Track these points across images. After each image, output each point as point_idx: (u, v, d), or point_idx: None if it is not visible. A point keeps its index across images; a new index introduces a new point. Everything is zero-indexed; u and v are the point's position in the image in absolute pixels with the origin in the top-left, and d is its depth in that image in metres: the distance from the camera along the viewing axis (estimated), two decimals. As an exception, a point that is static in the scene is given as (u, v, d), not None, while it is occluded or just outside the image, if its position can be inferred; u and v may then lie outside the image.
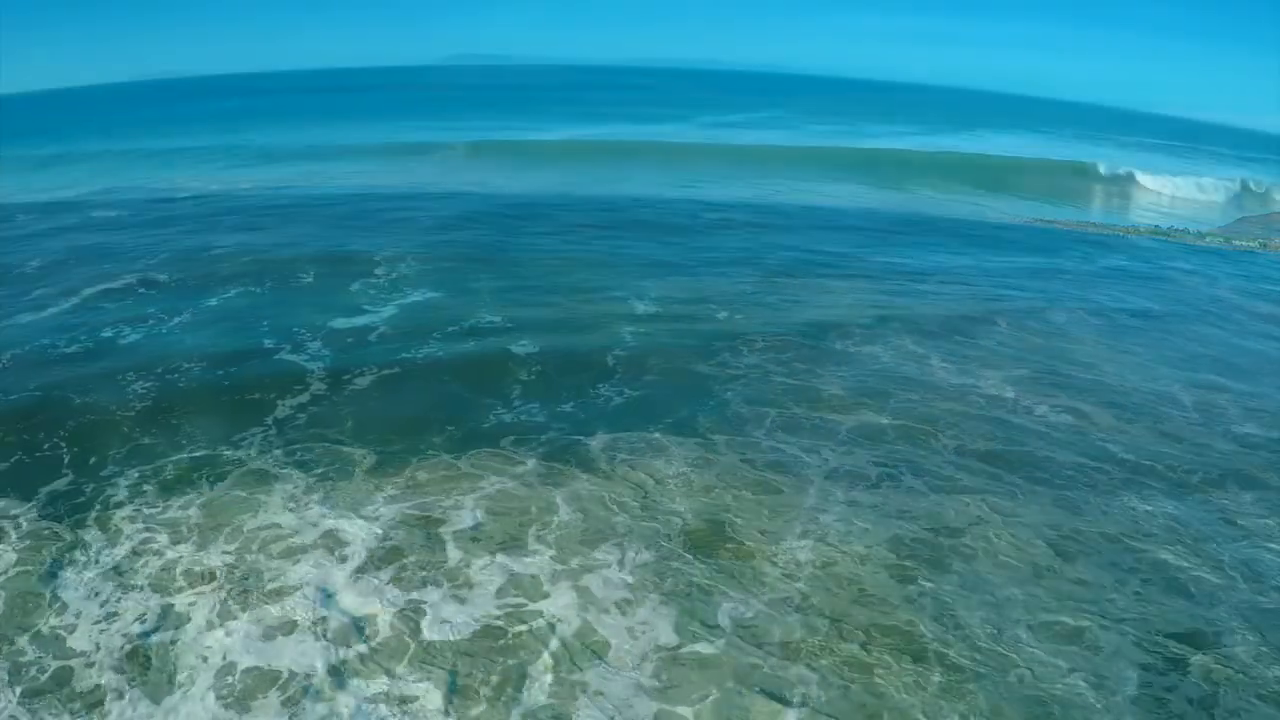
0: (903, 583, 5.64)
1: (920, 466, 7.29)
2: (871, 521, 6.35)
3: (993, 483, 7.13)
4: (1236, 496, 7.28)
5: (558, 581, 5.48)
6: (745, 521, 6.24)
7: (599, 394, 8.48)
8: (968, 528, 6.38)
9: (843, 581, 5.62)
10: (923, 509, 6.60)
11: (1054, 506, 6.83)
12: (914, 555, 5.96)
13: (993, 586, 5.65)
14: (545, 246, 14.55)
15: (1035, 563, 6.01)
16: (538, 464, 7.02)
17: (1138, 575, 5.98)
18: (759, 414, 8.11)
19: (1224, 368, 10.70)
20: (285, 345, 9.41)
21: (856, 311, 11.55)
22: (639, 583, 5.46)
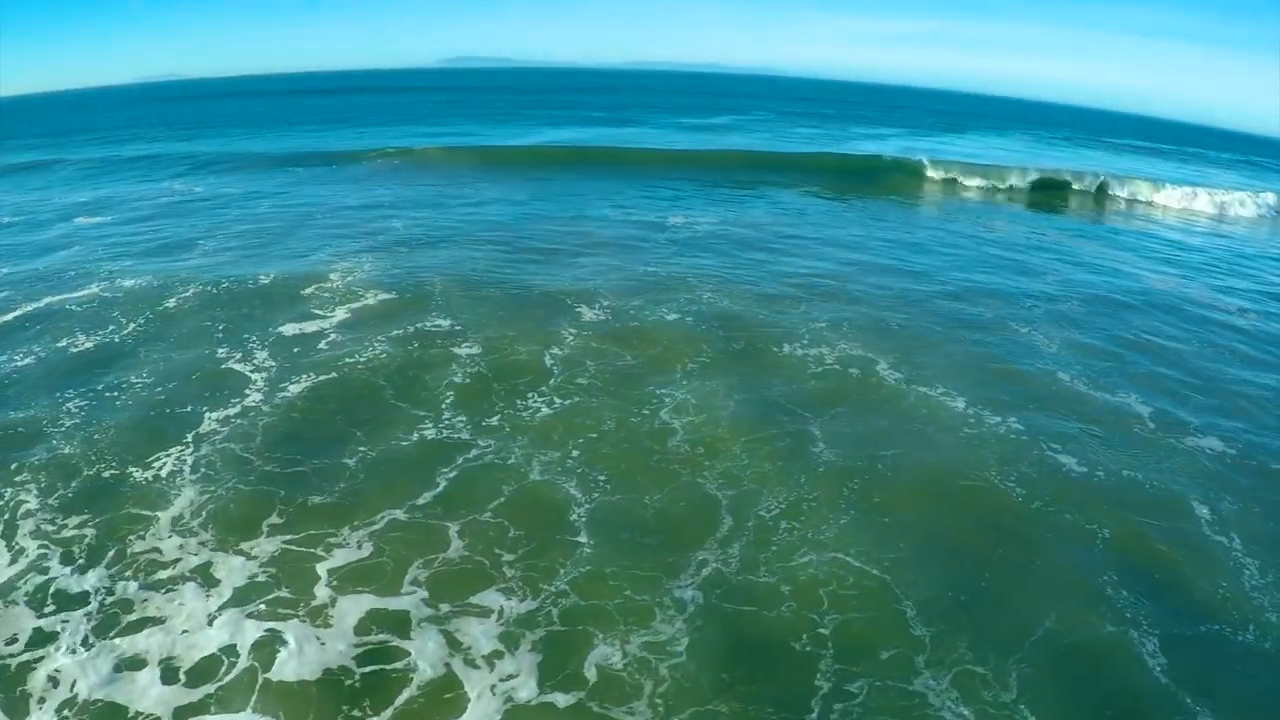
0: (786, 629, 5.20)
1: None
2: (737, 602, 5.85)
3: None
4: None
5: (425, 625, 5.10)
6: (633, 566, 5.76)
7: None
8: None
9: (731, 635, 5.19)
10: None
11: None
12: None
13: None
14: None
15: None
16: (446, 488, 6.63)
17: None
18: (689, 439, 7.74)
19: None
20: (236, 354, 9.17)
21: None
22: (510, 633, 5.03)
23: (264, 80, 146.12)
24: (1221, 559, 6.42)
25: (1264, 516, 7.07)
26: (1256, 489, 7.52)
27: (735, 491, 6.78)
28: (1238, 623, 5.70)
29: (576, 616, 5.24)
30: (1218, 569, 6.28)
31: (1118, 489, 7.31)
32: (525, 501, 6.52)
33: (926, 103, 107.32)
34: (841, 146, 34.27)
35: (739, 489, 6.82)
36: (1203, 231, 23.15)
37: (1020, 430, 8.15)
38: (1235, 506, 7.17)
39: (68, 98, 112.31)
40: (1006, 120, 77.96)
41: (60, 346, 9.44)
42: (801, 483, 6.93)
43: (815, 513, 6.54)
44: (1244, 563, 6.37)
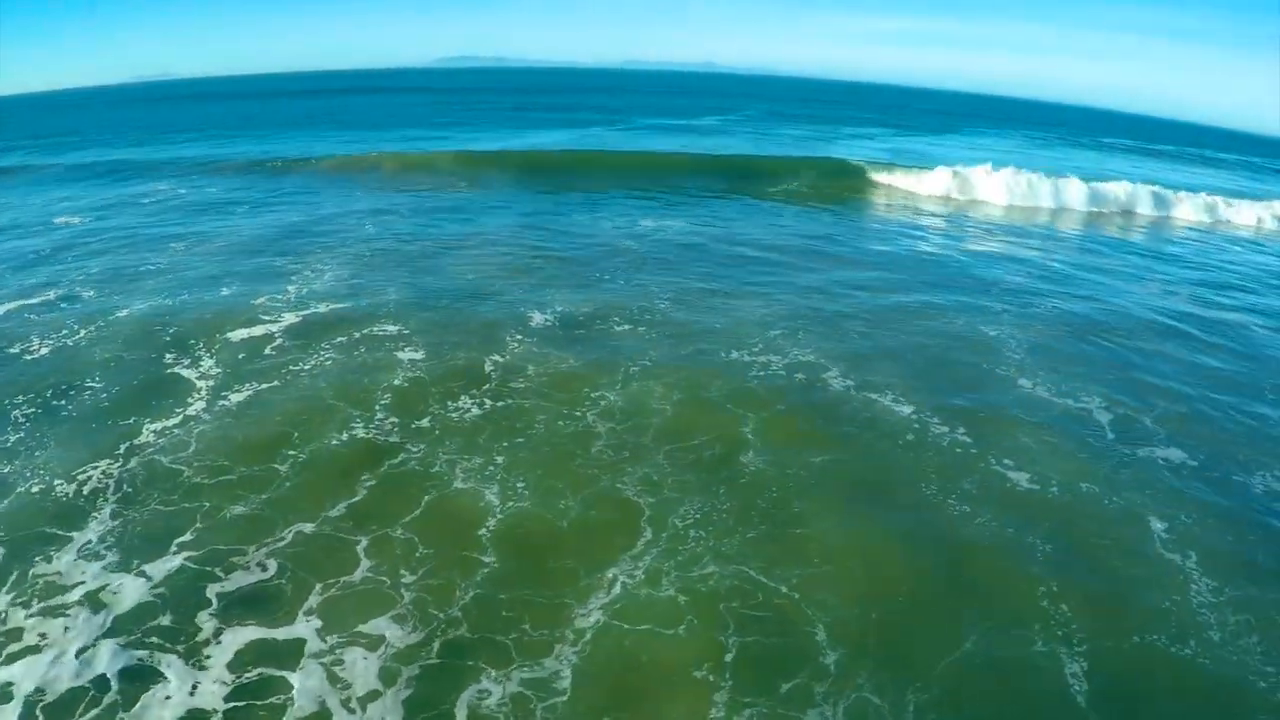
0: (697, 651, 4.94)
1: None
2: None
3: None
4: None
5: (310, 660, 4.82)
6: (532, 586, 5.53)
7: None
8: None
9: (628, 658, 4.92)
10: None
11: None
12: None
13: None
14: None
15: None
16: (364, 497, 6.45)
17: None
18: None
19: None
20: (185, 360, 9.05)
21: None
22: (389, 669, 4.77)
23: (258, 80, 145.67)
24: (1172, 576, 6.10)
25: (1222, 532, 6.73)
26: (1217, 503, 7.19)
27: (654, 499, 6.48)
28: (1179, 643, 5.41)
29: (461, 649, 4.91)
30: (1166, 586, 5.98)
31: (1068, 501, 6.99)
32: (440, 512, 6.25)
33: (924, 103, 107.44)
34: (825, 148, 34.12)
35: (659, 496, 6.52)
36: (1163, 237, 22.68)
37: (968, 439, 7.85)
38: (1192, 521, 6.84)
39: (55, 98, 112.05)
40: (1005, 120, 78.20)
41: (13, 354, 9.27)
42: (721, 492, 6.61)
43: (729, 523, 6.23)
44: (1195, 580, 6.06)
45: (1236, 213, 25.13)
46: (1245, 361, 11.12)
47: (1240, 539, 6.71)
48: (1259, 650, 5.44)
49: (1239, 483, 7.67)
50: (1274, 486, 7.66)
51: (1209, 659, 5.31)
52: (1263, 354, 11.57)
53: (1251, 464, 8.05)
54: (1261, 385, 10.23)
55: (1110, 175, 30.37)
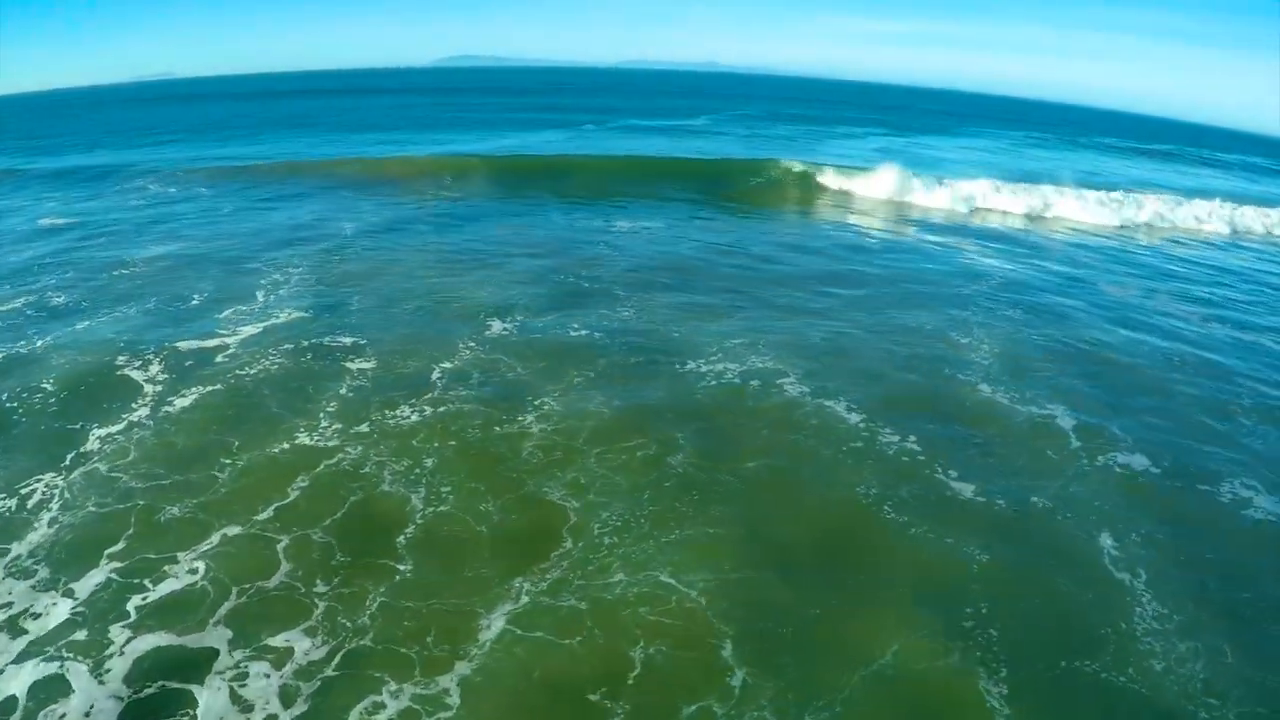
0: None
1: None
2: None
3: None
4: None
5: (216, 675, 4.87)
6: (441, 593, 5.60)
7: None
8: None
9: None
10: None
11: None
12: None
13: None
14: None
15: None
16: (293, 499, 6.53)
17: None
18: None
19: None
20: (137, 366, 9.14)
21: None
22: (289, 686, 4.80)
23: (257, 80, 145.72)
24: (1117, 597, 5.90)
25: (1177, 550, 6.52)
26: (1176, 518, 7.00)
27: (578, 503, 6.53)
28: (1114, 670, 5.19)
29: (362, 660, 4.96)
30: (1109, 608, 5.76)
31: (1014, 514, 6.83)
32: (363, 515, 6.35)
33: (927, 103, 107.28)
34: (795, 149, 33.87)
35: (582, 500, 6.57)
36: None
37: (917, 447, 7.79)
38: (1147, 538, 6.64)
39: (52, 98, 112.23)
40: (1007, 120, 78.11)
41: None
42: (645, 498, 6.65)
43: (648, 529, 6.26)
44: (1142, 603, 5.85)
45: (1187, 212, 24.54)
46: (1220, 368, 11.04)
47: (1195, 559, 6.48)
48: (1201, 680, 5.17)
49: (1204, 495, 7.50)
50: (1242, 496, 7.51)
51: (1146, 688, 5.05)
52: (1239, 359, 11.53)
53: (1220, 474, 7.88)
54: (1238, 391, 10.18)
55: (1101, 175, 30.56)
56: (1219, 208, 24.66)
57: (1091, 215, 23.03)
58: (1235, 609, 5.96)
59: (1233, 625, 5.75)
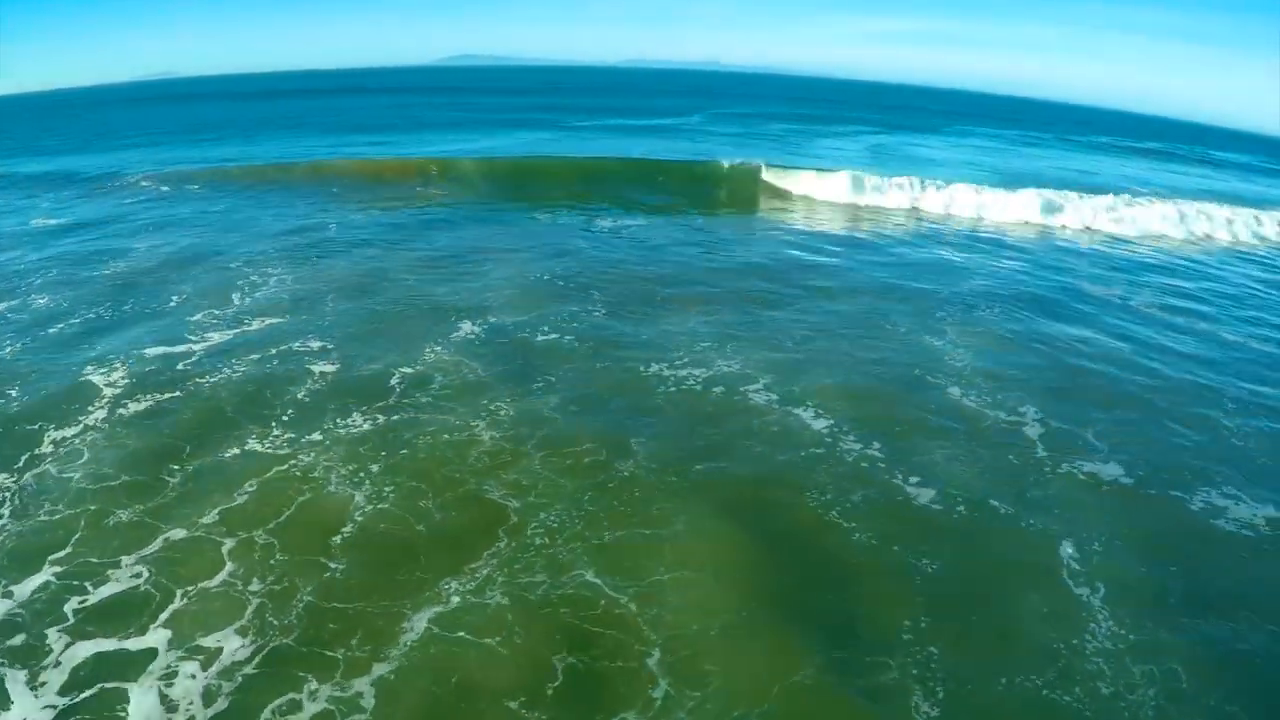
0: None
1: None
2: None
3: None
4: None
5: (150, 675, 4.93)
6: (370, 594, 5.65)
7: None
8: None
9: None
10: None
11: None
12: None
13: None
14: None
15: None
16: (241, 503, 6.61)
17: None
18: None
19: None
20: (101, 368, 9.23)
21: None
22: (212, 686, 4.86)
23: (256, 79, 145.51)
24: (1071, 611, 5.73)
25: (1141, 563, 6.36)
26: (1143, 528, 6.85)
27: (519, 504, 6.63)
28: (1060, 689, 5.00)
29: (286, 660, 5.04)
30: (1062, 623, 5.60)
31: (972, 521, 6.74)
32: (305, 519, 6.44)
33: (927, 101, 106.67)
34: (798, 147, 34.00)
35: (522, 502, 6.66)
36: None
37: (879, 453, 7.75)
38: (1110, 548, 6.50)
39: (53, 98, 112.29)
40: (1002, 119, 77.89)
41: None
42: (585, 499, 6.73)
43: (584, 531, 6.30)
44: (1098, 618, 5.69)
45: (1127, 214, 22.71)
46: (1204, 374, 10.89)
47: (1159, 574, 6.28)
48: (1152, 706, 4.94)
49: (1176, 505, 7.35)
50: (1216, 506, 7.36)
51: (1091, 712, 4.85)
52: (1224, 365, 11.33)
53: (1196, 484, 7.70)
54: (1222, 397, 10.01)
55: (1095, 175, 30.57)
56: (1198, 209, 23.85)
57: (1069, 218, 22.36)
58: (1197, 630, 5.73)
59: (1192, 648, 5.52)
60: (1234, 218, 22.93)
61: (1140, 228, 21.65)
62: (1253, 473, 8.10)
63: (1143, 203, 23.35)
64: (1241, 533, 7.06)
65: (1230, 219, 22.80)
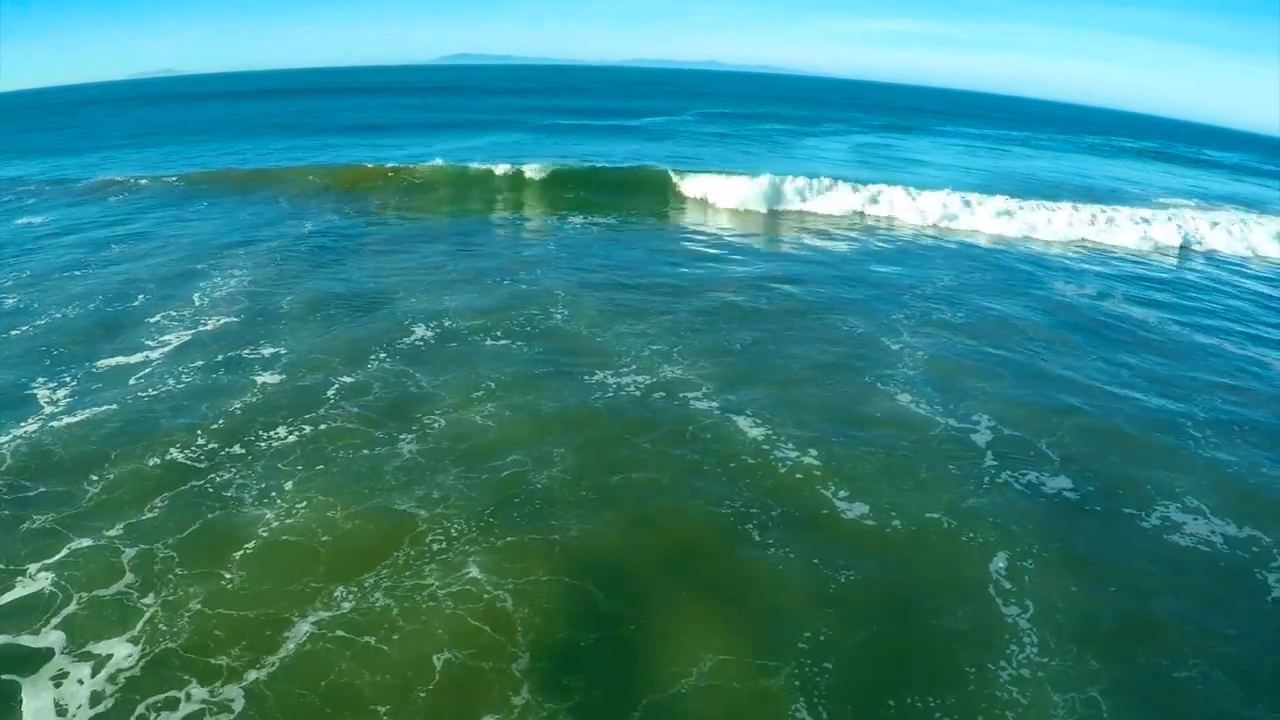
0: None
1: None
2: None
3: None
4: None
5: (41, 677, 4.99)
6: (260, 601, 5.65)
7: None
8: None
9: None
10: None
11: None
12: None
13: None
14: None
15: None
16: (150, 518, 6.58)
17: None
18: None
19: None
20: (43, 376, 9.27)
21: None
22: (99, 691, 4.89)
23: (254, 77, 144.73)
24: (992, 632, 5.52)
25: (1078, 581, 6.13)
26: (1089, 543, 6.63)
27: (426, 515, 6.64)
28: (957, 716, 4.82)
29: (167, 665, 5.08)
30: (978, 644, 5.41)
31: (905, 532, 6.62)
32: (212, 531, 6.44)
33: (921, 101, 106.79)
34: (782, 147, 34.01)
35: (431, 513, 6.68)
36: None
37: (815, 461, 7.64)
38: (1048, 564, 6.29)
39: (51, 96, 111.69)
40: (997, 119, 77.72)
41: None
42: (489, 511, 6.73)
43: (484, 541, 6.30)
44: (1021, 639, 5.47)
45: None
46: (1173, 380, 10.68)
47: (1097, 593, 6.09)
48: None
49: (1127, 519, 7.17)
50: (1173, 520, 7.17)
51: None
52: (1192, 374, 11.07)
53: (1153, 496, 7.52)
54: (1192, 405, 9.84)
55: (1083, 177, 30.48)
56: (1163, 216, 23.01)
57: (1023, 225, 21.25)
58: (1129, 657, 5.50)
59: (1120, 677, 5.27)
60: (1216, 222, 22.69)
61: (1109, 235, 21.08)
62: (1219, 487, 7.89)
63: (1111, 209, 22.76)
64: (1197, 549, 6.88)
65: (1213, 223, 22.53)
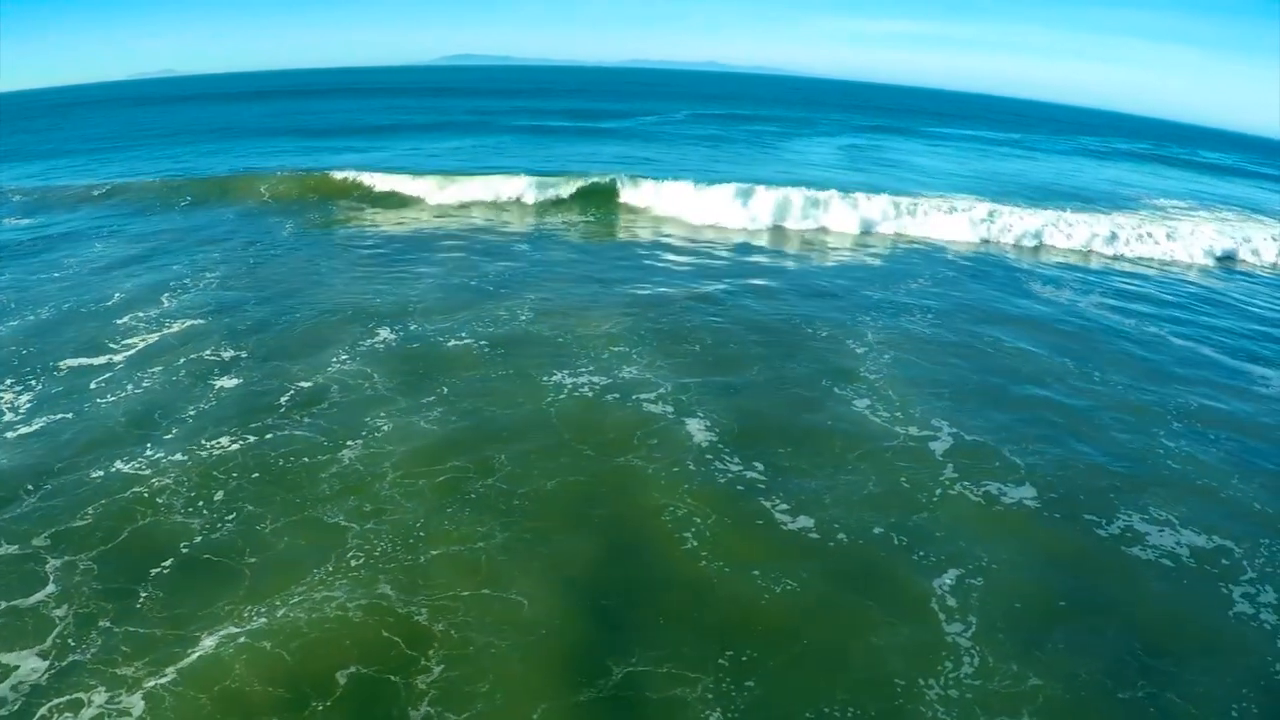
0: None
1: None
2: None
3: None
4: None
5: None
6: (156, 612, 5.62)
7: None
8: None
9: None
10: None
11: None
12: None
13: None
14: None
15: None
16: (79, 527, 6.52)
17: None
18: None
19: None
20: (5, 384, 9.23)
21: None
22: (12, 697, 4.88)
23: (251, 78, 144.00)
24: (930, 649, 5.35)
25: (1027, 597, 5.92)
26: (1042, 557, 6.43)
27: (356, 527, 6.59)
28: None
29: (71, 679, 5.05)
30: (913, 661, 5.23)
31: (850, 546, 6.43)
32: (136, 543, 6.40)
33: (918, 102, 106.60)
34: (767, 148, 33.78)
35: (360, 525, 6.61)
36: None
37: (760, 473, 7.47)
38: (997, 579, 6.05)
39: (48, 96, 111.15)
40: (992, 120, 77.45)
41: None
42: (419, 524, 6.64)
43: (406, 550, 6.23)
44: (960, 659, 5.27)
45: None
46: (1148, 386, 10.46)
47: (1047, 608, 5.90)
48: None
49: (1086, 529, 6.98)
50: (1137, 531, 7.00)
51: None
52: (1165, 381, 10.77)
53: (1118, 506, 7.36)
54: (1167, 412, 9.63)
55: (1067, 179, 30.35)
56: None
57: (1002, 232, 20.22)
58: (1074, 677, 5.27)
59: (1057, 699, 5.07)
60: (1191, 230, 21.55)
61: (1081, 241, 20.05)
62: (1188, 497, 7.71)
63: (1085, 216, 21.71)
64: (1160, 562, 6.70)
65: (1189, 231, 21.35)
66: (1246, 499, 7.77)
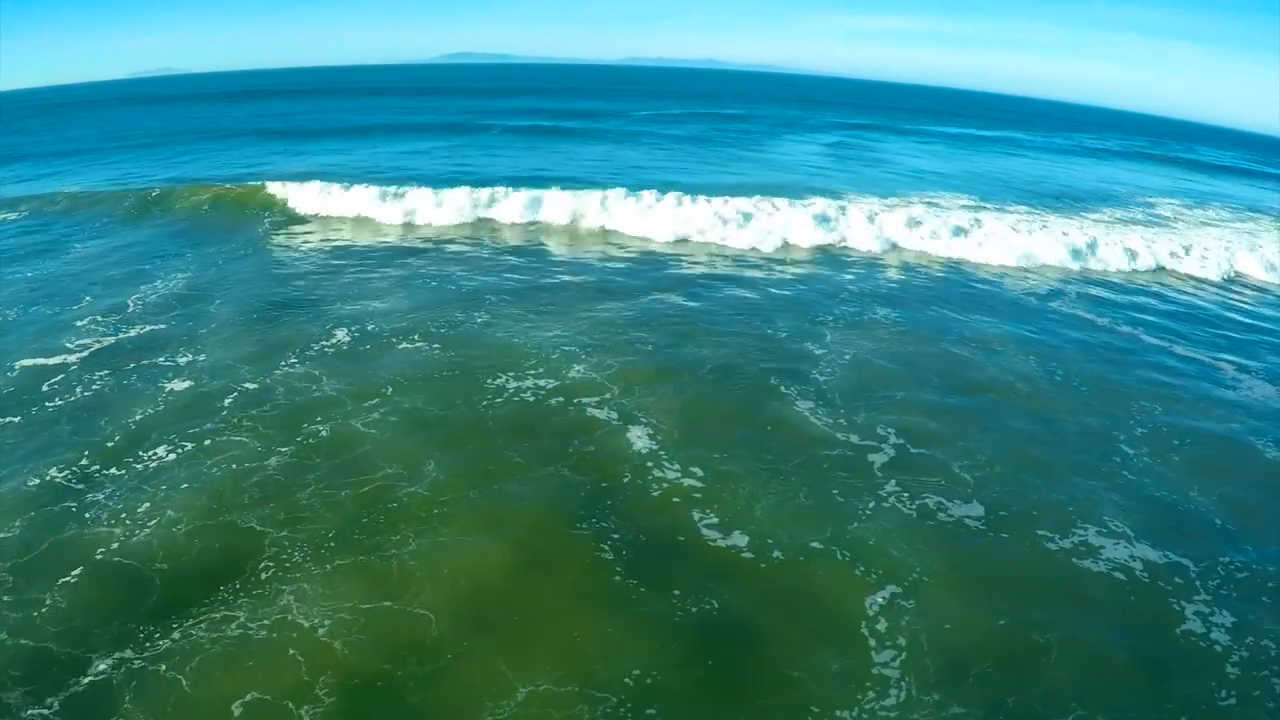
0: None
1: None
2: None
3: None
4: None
5: None
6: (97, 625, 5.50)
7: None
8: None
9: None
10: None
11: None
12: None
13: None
14: None
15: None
16: (8, 536, 6.46)
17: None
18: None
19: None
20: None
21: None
22: None
23: (248, 77, 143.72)
24: (853, 675, 5.14)
25: (960, 617, 5.74)
26: (983, 576, 6.24)
27: (273, 535, 6.47)
28: None
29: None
30: (832, 689, 5.03)
31: (778, 564, 6.24)
32: (51, 556, 6.28)
33: (912, 100, 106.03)
34: (757, 145, 33.50)
35: (277, 534, 6.49)
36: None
37: (696, 481, 7.25)
38: (932, 599, 5.86)
39: (46, 96, 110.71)
40: (985, 118, 76.65)
41: None
42: (331, 533, 6.52)
43: (316, 561, 6.13)
44: (883, 686, 5.06)
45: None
46: (1109, 399, 9.97)
47: (981, 631, 5.67)
48: None
49: (1035, 544, 6.73)
50: (1090, 545, 6.78)
51: None
52: (1129, 391, 10.32)
53: (1073, 520, 7.13)
54: (1129, 418, 9.35)
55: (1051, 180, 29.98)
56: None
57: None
58: (997, 705, 5.06)
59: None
60: (1160, 238, 20.06)
61: (1049, 246, 18.06)
62: (1146, 509, 7.46)
63: (1064, 218, 20.26)
64: (1111, 575, 6.46)
65: (1159, 240, 19.70)
66: (1206, 513, 7.49)
